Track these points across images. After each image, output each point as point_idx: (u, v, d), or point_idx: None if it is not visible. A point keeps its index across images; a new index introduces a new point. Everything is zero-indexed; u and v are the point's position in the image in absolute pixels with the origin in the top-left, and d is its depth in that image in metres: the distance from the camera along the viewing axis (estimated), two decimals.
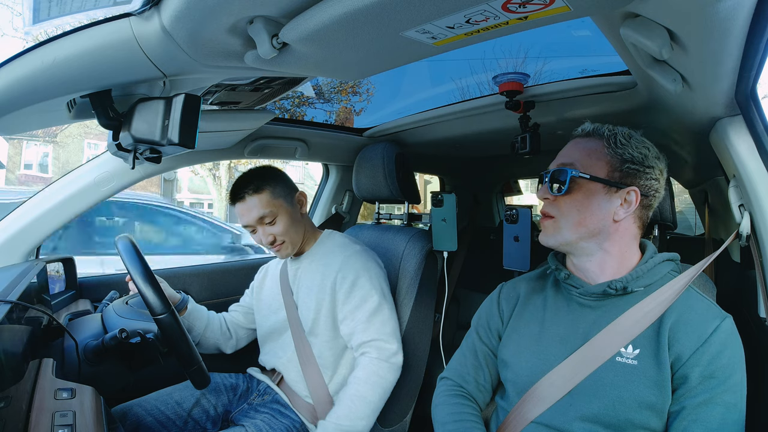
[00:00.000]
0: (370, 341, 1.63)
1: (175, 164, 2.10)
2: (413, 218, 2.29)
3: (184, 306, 1.78)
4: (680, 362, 1.02)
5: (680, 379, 1.02)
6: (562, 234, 1.16)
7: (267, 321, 1.85)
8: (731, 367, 1.01)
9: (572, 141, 1.22)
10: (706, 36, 0.84)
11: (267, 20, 0.93)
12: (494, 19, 0.86)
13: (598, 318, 1.14)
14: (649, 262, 1.15)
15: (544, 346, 1.19)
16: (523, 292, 1.32)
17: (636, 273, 1.13)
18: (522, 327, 1.27)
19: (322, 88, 9.01)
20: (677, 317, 1.06)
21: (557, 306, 1.23)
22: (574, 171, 1.12)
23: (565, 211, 1.15)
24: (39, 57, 1.03)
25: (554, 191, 1.16)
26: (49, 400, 1.11)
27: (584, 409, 1.07)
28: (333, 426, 1.50)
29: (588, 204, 1.13)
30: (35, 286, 1.52)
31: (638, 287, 1.12)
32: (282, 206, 1.71)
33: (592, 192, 1.13)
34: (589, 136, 1.19)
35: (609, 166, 1.14)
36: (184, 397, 1.68)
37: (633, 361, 1.06)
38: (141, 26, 0.96)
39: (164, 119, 1.17)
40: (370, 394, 1.58)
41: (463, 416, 1.26)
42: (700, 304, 1.09)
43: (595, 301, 1.16)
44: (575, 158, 1.16)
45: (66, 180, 1.86)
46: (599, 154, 1.15)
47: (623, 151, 1.14)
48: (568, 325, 1.17)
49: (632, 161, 1.14)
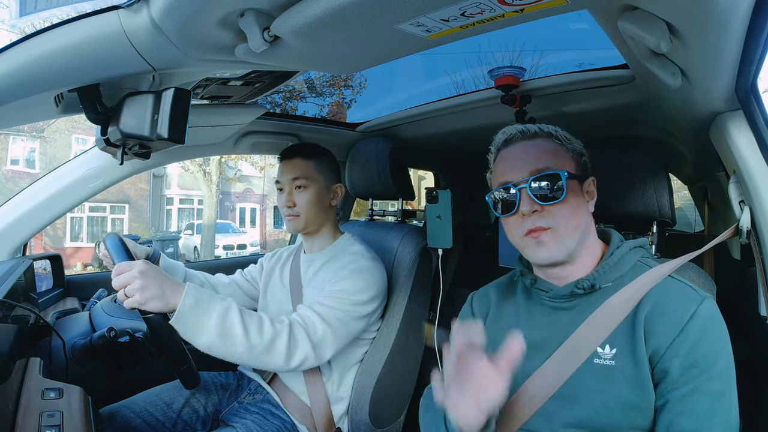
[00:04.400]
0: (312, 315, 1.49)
1: (165, 160, 2.08)
2: (407, 215, 2.27)
3: (155, 259, 1.73)
4: (658, 356, 0.98)
5: (660, 374, 0.98)
6: (565, 243, 1.07)
7: (268, 311, 1.83)
8: (714, 354, 0.96)
9: (518, 145, 1.14)
10: (705, 29, 0.83)
11: (258, 13, 0.92)
12: (490, 11, 0.85)
13: (573, 318, 1.09)
14: (615, 254, 1.11)
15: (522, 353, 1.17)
16: (494, 300, 1.29)
17: (602, 268, 1.09)
18: (497, 336, 1.24)
19: (314, 82, 9.01)
20: (651, 307, 1.02)
21: (530, 311, 1.19)
22: (565, 173, 1.06)
23: (564, 218, 1.07)
24: (26, 50, 1.02)
25: (545, 200, 1.07)
26: (36, 400, 1.10)
27: (568, 416, 1.04)
28: (190, 311, 1.28)
29: (576, 205, 1.08)
30: (22, 284, 1.51)
31: (607, 283, 1.08)
32: (318, 181, 1.73)
33: (575, 192, 1.09)
34: (538, 137, 1.13)
35: (574, 163, 1.11)
36: (173, 398, 1.66)
37: (611, 362, 1.02)
38: (130, 19, 0.95)
39: (153, 114, 1.17)
40: (252, 337, 1.34)
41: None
42: (675, 289, 1.04)
43: (567, 302, 1.12)
44: (547, 161, 1.09)
45: (53, 176, 1.84)
46: (562, 153, 1.11)
47: (574, 146, 1.12)
48: (544, 330, 1.13)
49: (583, 154, 1.13)
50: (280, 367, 1.40)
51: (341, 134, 2.44)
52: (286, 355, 1.39)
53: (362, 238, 1.85)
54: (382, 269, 1.69)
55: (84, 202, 1.87)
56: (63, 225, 17.27)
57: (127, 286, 1.23)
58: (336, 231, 1.84)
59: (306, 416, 1.64)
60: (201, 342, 1.28)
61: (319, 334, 1.46)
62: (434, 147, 2.66)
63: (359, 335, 1.66)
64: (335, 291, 1.54)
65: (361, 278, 1.58)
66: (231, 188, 21.57)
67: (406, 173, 2.13)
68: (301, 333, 1.42)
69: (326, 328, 1.47)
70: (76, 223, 17.96)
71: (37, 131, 17.23)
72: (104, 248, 1.42)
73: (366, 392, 1.69)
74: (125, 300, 1.24)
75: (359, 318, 1.57)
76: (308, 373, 1.65)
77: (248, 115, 1.91)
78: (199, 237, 17.15)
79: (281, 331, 1.39)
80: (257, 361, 1.36)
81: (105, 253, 1.48)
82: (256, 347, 1.34)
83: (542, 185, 1.06)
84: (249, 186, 22.49)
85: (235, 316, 1.32)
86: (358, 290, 1.56)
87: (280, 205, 1.74)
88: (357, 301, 1.55)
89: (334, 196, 1.80)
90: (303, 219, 1.72)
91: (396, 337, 1.74)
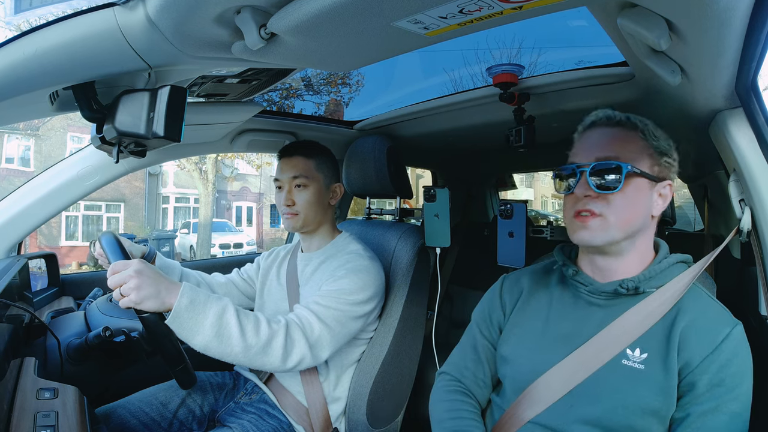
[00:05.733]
0: (309, 315, 1.48)
1: (161, 158, 2.08)
2: (405, 213, 2.26)
3: (151, 259, 1.73)
4: (689, 369, 1.00)
5: (687, 386, 1.00)
6: (610, 233, 1.07)
7: (265, 310, 1.82)
8: (740, 376, 0.99)
9: (597, 130, 1.15)
10: (705, 27, 0.83)
11: (255, 10, 0.91)
12: (488, 8, 0.84)
13: (606, 317, 1.10)
14: (663, 263, 1.11)
15: (546, 343, 1.16)
16: (527, 286, 1.29)
17: (649, 273, 1.09)
18: (524, 322, 1.23)
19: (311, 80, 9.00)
20: (689, 322, 1.03)
21: (563, 303, 1.19)
22: (629, 166, 1.06)
23: (616, 208, 1.07)
24: (20, 48, 1.01)
25: (601, 188, 1.07)
26: (31, 400, 1.10)
27: (585, 412, 1.04)
28: (185, 311, 1.26)
29: (636, 200, 1.08)
30: (17, 283, 1.50)
31: (650, 288, 1.09)
32: (318, 180, 1.73)
33: (640, 188, 1.08)
34: (620, 126, 1.12)
35: (651, 160, 1.10)
36: (169, 398, 1.65)
37: (640, 366, 1.03)
38: (125, 16, 0.94)
39: (149, 112, 1.16)
40: (248, 337, 1.32)
41: (460, 413, 1.23)
42: (712, 309, 1.06)
43: (605, 300, 1.12)
44: (617, 151, 1.08)
45: (48, 174, 1.83)
46: (640, 147, 1.10)
47: (658, 144, 1.11)
48: (574, 324, 1.14)
49: (667, 154, 1.12)
50: (276, 367, 1.39)
51: (338, 132, 2.43)
52: (283, 356, 1.38)
53: (360, 237, 1.84)
54: (379, 268, 1.68)
55: (79, 200, 1.85)
56: (58, 224, 17.20)
57: (123, 285, 1.22)
58: (334, 230, 1.83)
59: (303, 416, 1.64)
60: (197, 342, 1.27)
61: (316, 334, 1.45)
62: (432, 145, 2.65)
63: (357, 335, 1.65)
64: (332, 290, 1.53)
65: (359, 278, 1.57)
66: (227, 186, 21.52)
67: (403, 171, 2.12)
68: (298, 333, 1.42)
69: (323, 328, 1.46)
70: (72, 222, 17.88)
71: (31, 129, 17.15)
72: (99, 247, 1.41)
73: (363, 392, 1.69)
74: (121, 299, 1.23)
75: (356, 318, 1.56)
76: (305, 373, 1.64)
77: (245, 113, 1.90)
78: (195, 236, 17.10)
79: (278, 332, 1.38)
80: (253, 362, 1.35)
81: (100, 251, 1.47)
82: (253, 347, 1.33)
83: (602, 172, 1.07)
84: (245, 184, 22.44)
85: (232, 316, 1.31)
86: (356, 290, 1.55)
87: (279, 204, 1.73)
88: (354, 301, 1.54)
89: (333, 195, 1.79)
90: (302, 218, 1.71)
91: (393, 337, 1.74)
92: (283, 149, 1.77)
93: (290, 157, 1.73)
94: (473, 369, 1.31)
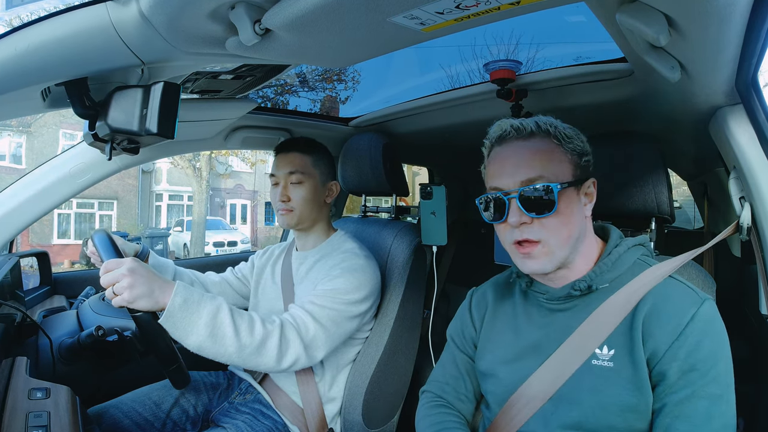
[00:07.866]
0: (304, 314, 1.47)
1: (154, 155, 2.06)
2: (401, 211, 2.25)
3: (144, 257, 1.71)
4: (656, 358, 0.96)
5: (659, 376, 0.97)
6: (556, 256, 1.04)
7: (259, 310, 1.81)
8: (713, 357, 0.95)
9: (510, 146, 1.08)
10: (705, 22, 0.82)
11: (249, 5, 0.91)
12: (485, 4, 0.85)
13: (571, 321, 1.08)
14: (613, 254, 1.08)
15: (520, 355, 1.14)
16: (491, 300, 1.28)
17: (599, 268, 1.07)
18: (495, 336, 1.22)
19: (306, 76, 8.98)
20: (650, 308, 1.00)
21: (528, 313, 1.17)
22: (557, 185, 1.02)
23: (554, 230, 1.03)
24: (12, 44, 1.00)
25: (535, 213, 1.03)
26: (23, 400, 1.10)
27: (566, 417, 1.03)
28: (179, 310, 1.25)
29: (570, 214, 1.04)
30: (8, 282, 1.50)
31: (604, 283, 1.07)
32: (314, 177, 1.72)
33: (571, 200, 1.04)
34: (534, 137, 1.06)
35: (572, 165, 1.06)
36: (162, 397, 1.64)
37: (609, 363, 1.01)
38: (118, 12, 0.94)
39: (142, 108, 1.16)
40: (243, 337, 1.32)
41: (445, 425, 1.22)
42: (675, 290, 1.02)
43: (564, 303, 1.10)
44: (540, 170, 1.03)
45: (40, 171, 1.81)
46: (559, 156, 1.05)
47: (574, 146, 1.06)
48: (542, 331, 1.12)
49: (585, 153, 1.08)
50: (271, 367, 1.38)
51: (334, 129, 2.42)
52: (277, 356, 1.37)
53: (355, 235, 1.83)
54: (375, 267, 1.67)
55: (71, 198, 1.84)
56: (50, 221, 17.13)
57: (116, 284, 1.21)
58: (329, 228, 1.82)
59: (298, 417, 1.63)
60: (191, 342, 1.26)
61: (311, 334, 1.44)
62: (429, 142, 2.65)
63: (352, 335, 1.64)
64: (327, 290, 1.52)
65: (354, 277, 1.57)
66: (221, 184, 21.52)
67: (399, 169, 2.12)
68: (293, 333, 1.41)
69: (318, 328, 1.45)
70: (64, 220, 17.81)
71: (23, 126, 17.07)
72: (92, 245, 1.40)
73: (359, 392, 1.68)
74: (113, 298, 1.22)
75: (352, 318, 1.56)
76: (300, 373, 1.64)
77: (239, 110, 1.90)
78: (188, 234, 17.09)
79: (272, 332, 1.37)
80: (248, 362, 1.34)
81: (93, 250, 1.46)
82: (247, 347, 1.32)
83: (532, 197, 1.02)
84: (239, 182, 22.43)
85: (226, 316, 1.30)
86: (351, 289, 1.54)
87: (274, 200, 1.72)
88: (350, 301, 1.54)
89: (329, 193, 1.78)
90: (297, 214, 1.70)
91: (389, 337, 1.73)
92: (280, 144, 1.77)
93: (287, 152, 1.72)
94: (454, 384, 1.29)
